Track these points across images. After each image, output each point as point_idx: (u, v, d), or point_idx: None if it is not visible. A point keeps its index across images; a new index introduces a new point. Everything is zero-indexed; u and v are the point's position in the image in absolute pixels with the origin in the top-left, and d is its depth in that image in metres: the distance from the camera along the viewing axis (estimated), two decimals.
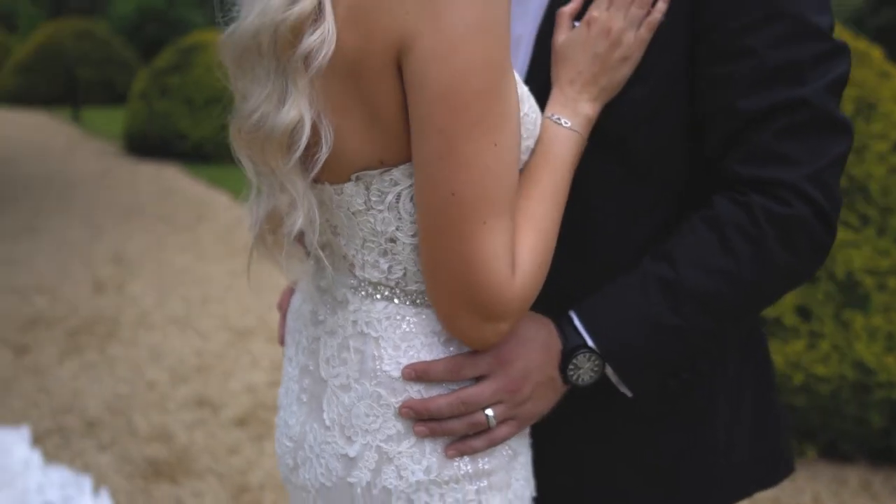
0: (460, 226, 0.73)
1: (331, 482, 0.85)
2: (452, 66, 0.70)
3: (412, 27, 0.70)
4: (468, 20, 0.70)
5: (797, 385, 2.79)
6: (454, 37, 0.70)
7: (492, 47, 0.71)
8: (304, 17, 0.72)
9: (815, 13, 0.84)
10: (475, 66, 0.70)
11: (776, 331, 2.87)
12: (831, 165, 0.83)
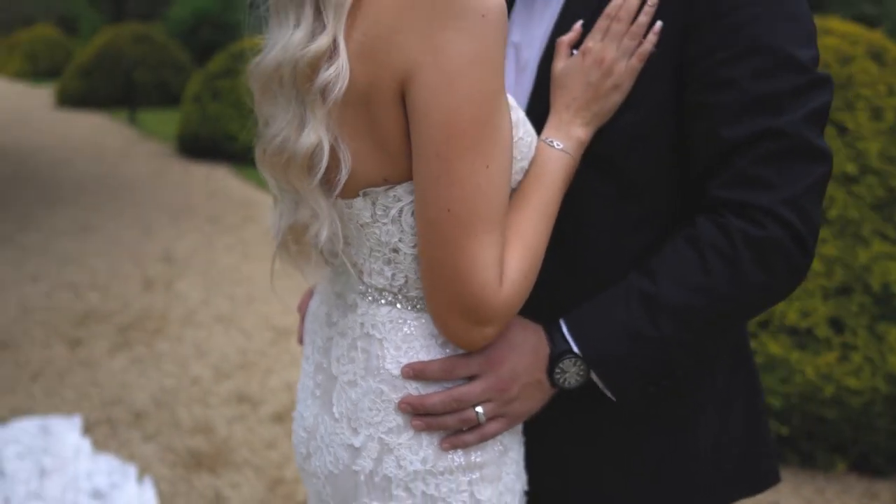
0: (454, 239, 0.80)
1: (338, 470, 0.93)
2: (450, 96, 0.77)
3: (414, 61, 0.78)
4: (465, 55, 0.77)
5: (828, 397, 2.78)
6: (452, 71, 0.77)
7: (486, 80, 0.78)
8: (321, 53, 0.81)
9: (796, 47, 0.88)
10: (470, 98, 0.78)
11: (808, 342, 2.87)
12: (808, 191, 0.87)
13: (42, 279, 5.10)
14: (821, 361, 2.82)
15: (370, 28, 0.80)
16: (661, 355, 0.91)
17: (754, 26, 0.88)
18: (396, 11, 0.79)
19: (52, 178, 9.02)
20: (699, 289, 0.88)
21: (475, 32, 0.77)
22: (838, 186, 3.07)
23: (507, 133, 0.83)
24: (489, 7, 0.78)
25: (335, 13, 0.81)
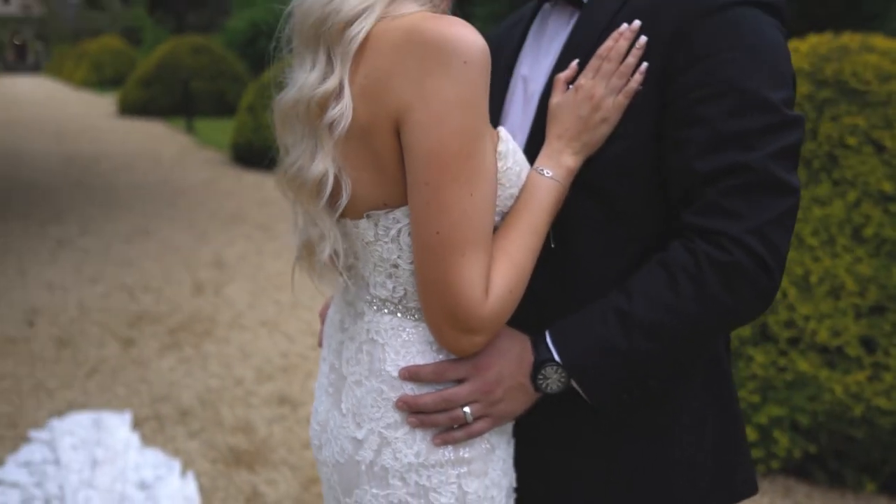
0: (443, 258, 0.91)
1: (343, 459, 1.04)
2: (436, 134, 0.88)
3: (406, 102, 0.89)
4: (450, 98, 0.87)
5: (857, 417, 2.78)
6: (438, 111, 0.88)
7: (469, 119, 0.88)
8: (329, 93, 0.93)
9: (769, 89, 0.95)
10: (454, 134, 0.88)
11: (838, 361, 2.87)
12: (774, 222, 0.94)
13: (100, 281, 5.36)
14: (850, 380, 2.82)
15: (370, 72, 0.92)
16: (633, 367, 0.99)
17: (729, 70, 0.96)
18: (392, 59, 0.90)
19: (113, 184, 9.40)
20: (669, 308, 0.96)
21: (458, 77, 0.87)
22: (874, 205, 3.08)
23: (489, 164, 0.92)
24: (471, 54, 0.88)
25: (342, 59, 0.93)
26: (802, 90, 3.30)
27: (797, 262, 3.06)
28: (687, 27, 0.98)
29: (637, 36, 1.01)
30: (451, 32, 0.88)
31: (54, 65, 44.33)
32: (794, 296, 3.00)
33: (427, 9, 0.95)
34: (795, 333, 2.95)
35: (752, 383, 2.91)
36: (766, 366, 2.92)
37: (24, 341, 4.21)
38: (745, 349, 2.98)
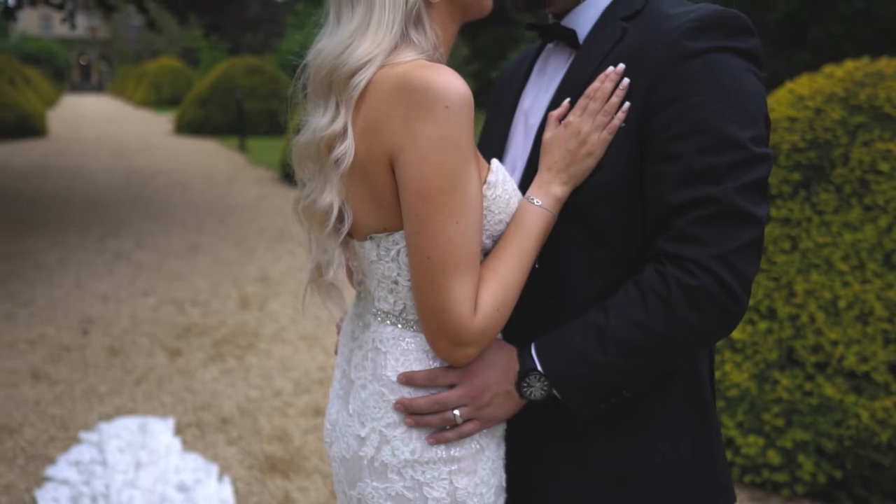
0: (434, 279, 1.02)
1: (349, 455, 1.15)
2: (422, 170, 1.00)
3: (397, 143, 1.01)
4: (433, 139, 0.99)
5: (884, 443, 2.78)
6: (424, 151, 0.99)
7: (451, 157, 0.99)
8: (335, 135, 1.05)
9: (737, 129, 1.04)
10: (438, 171, 0.99)
11: (865, 386, 2.87)
12: (738, 250, 1.02)
13: (151, 294, 5.59)
14: (877, 406, 2.82)
15: (369, 115, 1.04)
16: (608, 378, 1.08)
17: (700, 111, 1.04)
18: (385, 104, 1.02)
19: (169, 200, 9.75)
20: (640, 326, 1.04)
21: (441, 120, 0.98)
22: None
23: (474, 195, 1.03)
24: (452, 100, 0.99)
25: (346, 104, 1.05)
26: (835, 115, 3.32)
27: (826, 286, 3.07)
28: (664, 71, 1.07)
29: (621, 78, 1.11)
30: (436, 80, 0.99)
31: (117, 84, 45.97)
32: (822, 320, 3.01)
33: (423, 57, 1.07)
34: (823, 358, 2.97)
35: (776, 407, 2.93)
36: (791, 390, 2.94)
37: (78, 349, 4.44)
38: (770, 373, 3.00)
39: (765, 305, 3.13)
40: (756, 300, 3.16)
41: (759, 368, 3.04)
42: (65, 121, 23.01)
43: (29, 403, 3.68)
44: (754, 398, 2.98)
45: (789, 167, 3.31)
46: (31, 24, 52.39)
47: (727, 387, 3.06)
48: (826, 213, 3.21)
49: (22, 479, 2.98)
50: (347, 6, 1.07)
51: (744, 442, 2.96)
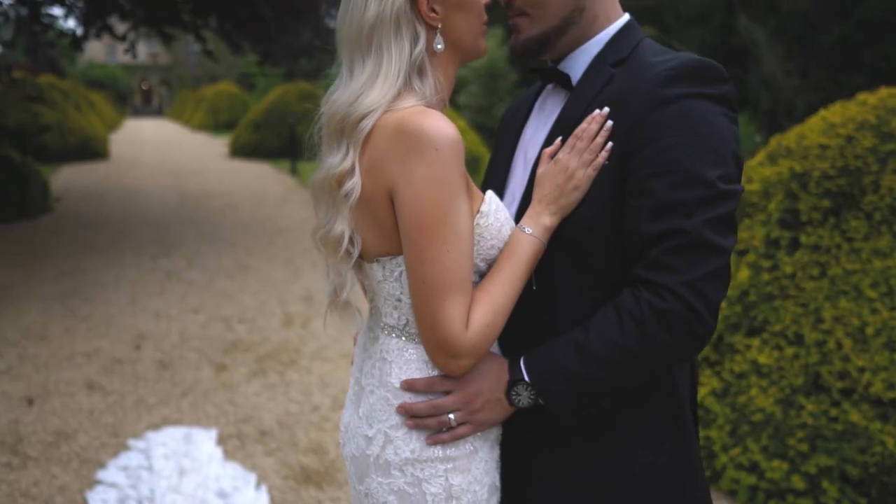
0: (429, 300, 1.14)
1: (358, 453, 1.27)
2: (415, 205, 1.13)
3: (395, 180, 1.15)
4: (423, 177, 1.12)
5: None
6: (417, 187, 1.12)
7: (440, 193, 1.12)
8: (344, 172, 1.20)
9: (706, 168, 1.14)
10: (429, 205, 1.12)
11: (891, 413, 2.88)
12: (705, 277, 1.12)
13: (201, 311, 5.82)
14: None
15: (372, 155, 1.18)
16: (587, 389, 1.18)
17: (672, 152, 1.15)
18: (385, 146, 1.16)
19: (221, 221, 10.08)
20: (616, 343, 1.15)
21: (431, 161, 1.12)
22: None
23: (464, 225, 1.15)
24: (441, 143, 1.12)
25: (353, 146, 1.20)
26: (866, 143, 3.36)
27: (854, 313, 3.09)
28: (643, 116, 1.19)
29: (606, 120, 1.23)
30: (428, 125, 1.13)
31: (176, 109, 47.44)
32: (850, 347, 3.03)
33: (422, 102, 1.20)
34: (849, 384, 2.98)
35: (801, 432, 2.95)
36: (816, 415, 2.96)
37: (130, 362, 4.66)
38: (796, 398, 3.03)
39: (792, 331, 3.16)
40: (783, 325, 3.19)
41: (784, 393, 3.07)
42: (125, 144, 23.88)
43: (83, 412, 3.89)
44: (779, 423, 3.01)
45: (819, 194, 3.35)
46: (97, 52, 54.53)
47: (752, 411, 3.09)
48: (856, 240, 3.24)
49: (75, 482, 3.17)
50: (359, 61, 1.22)
51: (768, 466, 2.98)
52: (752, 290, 3.37)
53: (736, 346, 3.30)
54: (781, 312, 3.23)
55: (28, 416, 3.84)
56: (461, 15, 1.24)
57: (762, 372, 3.16)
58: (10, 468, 3.29)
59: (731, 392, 3.21)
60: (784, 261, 3.35)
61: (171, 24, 10.36)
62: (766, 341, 3.23)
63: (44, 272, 6.93)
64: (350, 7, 1.23)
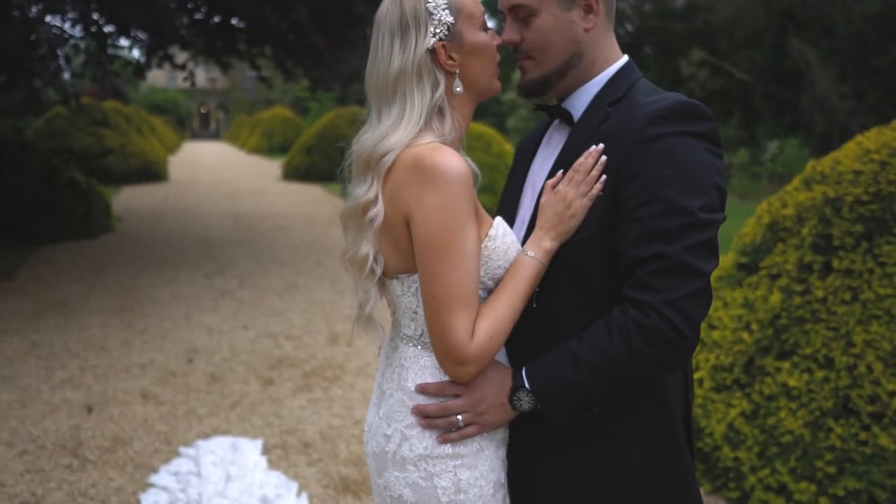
0: (439, 313, 1.29)
1: (378, 450, 1.41)
2: (426, 230, 1.28)
3: (411, 207, 1.30)
4: (433, 206, 1.27)
5: None
6: (429, 214, 1.27)
7: (449, 220, 1.27)
8: (369, 201, 1.36)
9: (689, 199, 1.26)
10: (438, 230, 1.27)
11: None
12: (685, 297, 1.24)
13: (251, 328, 6.05)
14: None
15: (393, 186, 1.33)
16: (580, 394, 1.30)
17: (657, 184, 1.27)
18: (404, 177, 1.31)
19: (272, 242, 10.39)
20: (605, 353, 1.27)
21: (441, 192, 1.26)
22: None
23: (470, 248, 1.29)
24: (450, 176, 1.27)
25: (377, 178, 1.36)
26: None
27: (886, 338, 3.11)
28: (632, 152, 1.31)
29: (600, 155, 1.36)
30: (439, 160, 1.28)
31: (232, 132, 48.75)
32: (880, 371, 3.05)
33: (438, 139, 1.35)
34: (879, 408, 3.00)
35: (829, 454, 2.98)
36: (845, 438, 2.99)
37: (182, 375, 4.89)
38: (825, 421, 3.06)
39: (822, 354, 3.20)
40: (814, 349, 3.23)
41: (813, 416, 3.10)
42: (184, 166, 24.69)
43: (138, 420, 4.12)
44: (808, 445, 3.05)
45: (852, 219, 3.38)
46: (158, 77, 56.38)
47: (781, 433, 3.13)
48: (888, 264, 3.26)
49: (130, 484, 3.37)
50: (386, 107, 1.38)
51: (796, 488, 3.02)
52: (784, 313, 3.41)
53: (766, 368, 3.34)
54: (812, 336, 3.26)
55: (87, 422, 4.08)
56: (476, 59, 1.39)
57: (792, 394, 3.20)
58: (71, 470, 3.52)
59: (760, 414, 3.25)
60: (816, 285, 3.39)
61: (227, 53, 10.81)
62: (796, 364, 3.27)
63: (104, 288, 7.27)
64: (377, 59, 1.39)
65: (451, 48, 1.37)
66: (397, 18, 1.36)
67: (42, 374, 4.84)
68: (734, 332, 3.62)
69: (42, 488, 3.34)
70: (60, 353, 5.27)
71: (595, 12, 1.42)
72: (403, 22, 1.35)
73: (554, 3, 1.39)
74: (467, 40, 1.38)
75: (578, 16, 1.41)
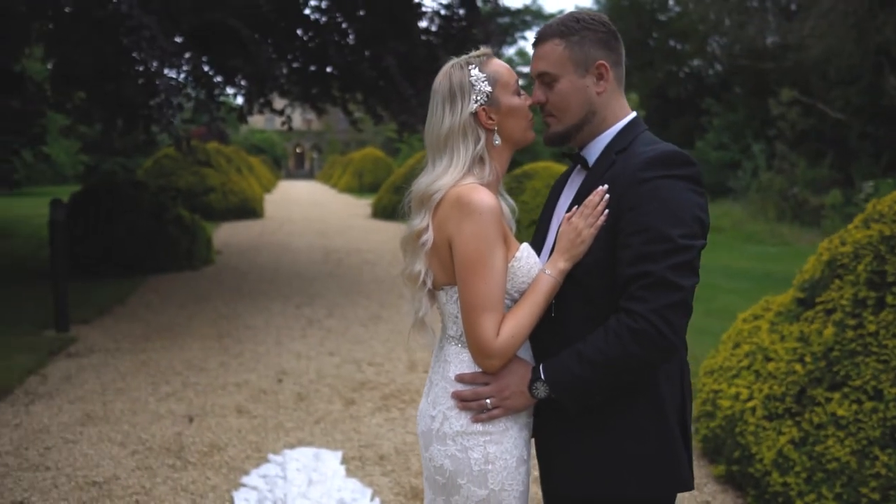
0: (472, 317, 1.62)
1: (425, 429, 1.74)
2: (463, 251, 1.61)
3: (452, 233, 1.64)
4: (469, 232, 1.61)
5: None
6: (465, 239, 1.61)
7: (481, 244, 1.60)
8: (422, 229, 1.71)
9: (670, 228, 1.55)
10: (472, 252, 1.60)
11: None
12: (668, 306, 1.52)
13: (336, 354, 6.47)
14: None
15: (440, 217, 1.68)
16: (583, 386, 1.59)
17: (646, 217, 1.57)
18: (449, 210, 1.65)
19: (359, 276, 10.90)
20: (602, 352, 1.57)
21: (475, 221, 1.60)
22: None
23: (498, 267, 1.62)
24: (482, 210, 1.60)
25: (428, 211, 1.71)
26: None
27: None
28: (627, 192, 1.62)
29: (605, 194, 1.66)
30: (474, 197, 1.62)
31: (325, 171, 50.55)
32: None
33: (476, 181, 1.69)
34: None
35: (874, 482, 3.09)
36: (891, 466, 3.09)
37: (273, 393, 5.34)
38: (871, 449, 3.17)
39: (871, 386, 3.32)
40: (863, 381, 3.35)
41: (860, 445, 3.22)
42: (279, 203, 25.89)
43: (233, 430, 4.56)
44: (853, 472, 3.16)
45: None
46: (257, 119, 59.23)
47: (828, 460, 3.26)
48: None
49: (224, 483, 3.79)
50: (438, 157, 1.74)
51: None
52: (837, 346, 3.55)
53: (817, 398, 3.48)
54: (863, 368, 3.39)
55: (189, 430, 4.55)
56: (511, 118, 1.74)
57: (840, 423, 3.32)
58: (174, 469, 3.97)
59: (809, 441, 3.38)
60: (869, 319, 3.52)
61: (322, 99, 11.56)
62: (846, 395, 3.39)
63: (205, 315, 7.89)
64: (432, 120, 1.75)
65: (490, 111, 1.72)
66: (447, 89, 1.72)
67: (150, 388, 5.38)
68: (788, 364, 3.76)
69: (150, 482, 3.80)
70: (165, 371, 5.82)
71: (606, 79, 1.74)
72: (452, 91, 1.71)
73: (572, 71, 1.72)
74: (503, 104, 1.73)
75: (592, 82, 1.73)
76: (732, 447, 3.83)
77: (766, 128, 22.52)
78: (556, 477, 1.73)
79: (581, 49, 1.72)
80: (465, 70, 1.73)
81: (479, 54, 1.77)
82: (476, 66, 1.74)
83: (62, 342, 6.57)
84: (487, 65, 1.75)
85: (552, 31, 1.76)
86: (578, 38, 1.72)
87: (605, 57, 1.74)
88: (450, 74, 1.74)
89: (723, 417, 4.00)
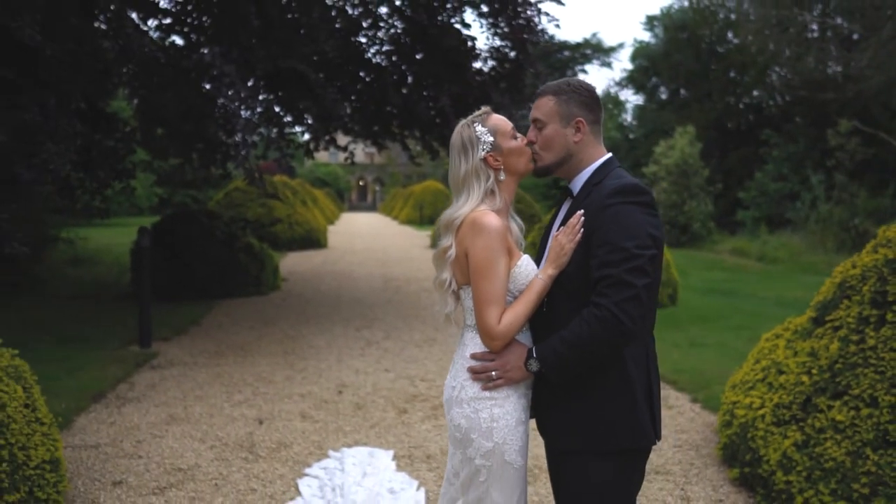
0: (480, 308, 2.12)
1: (447, 397, 2.25)
2: (475, 260, 2.12)
3: (468, 247, 2.15)
4: (480, 246, 2.12)
5: None
6: (477, 250, 2.12)
7: (489, 254, 2.10)
8: (447, 246, 2.24)
9: (626, 241, 2.01)
10: (482, 260, 2.11)
11: None
12: (627, 299, 1.98)
13: (392, 371, 7.00)
14: None
15: (459, 236, 2.19)
16: (563, 361, 2.06)
17: (607, 234, 2.04)
18: (466, 230, 2.16)
19: (416, 302, 11.44)
20: (577, 335, 2.03)
21: (484, 237, 2.10)
22: None
23: (501, 271, 2.12)
24: (490, 229, 2.11)
25: (452, 232, 2.22)
26: None
27: None
28: (595, 215, 2.10)
29: (581, 217, 2.14)
30: (484, 220, 2.13)
31: (387, 203, 51.61)
32: None
33: (488, 207, 2.20)
34: None
35: (865, 478, 3.43)
36: (881, 465, 3.42)
37: (333, 403, 5.88)
38: (864, 450, 3.51)
39: (868, 394, 3.66)
40: (861, 389, 3.69)
41: (855, 446, 3.56)
42: (341, 234, 26.79)
43: (298, 432, 5.12)
44: (847, 470, 3.51)
45: None
46: (321, 153, 61.12)
47: (826, 460, 3.60)
48: None
49: (290, 473, 4.34)
50: (458, 194, 2.26)
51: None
52: (841, 359, 3.90)
53: (820, 406, 3.83)
54: (861, 378, 3.73)
55: (259, 431, 5.13)
56: (513, 157, 2.25)
57: (838, 427, 3.67)
58: (247, 461, 4.54)
59: (810, 444, 3.74)
60: (870, 335, 3.86)
61: (382, 136, 12.28)
62: (846, 402, 3.74)
63: (272, 335, 8.54)
64: (452, 168, 2.28)
65: (495, 155, 2.24)
66: (460, 144, 2.25)
67: (224, 396, 6.00)
68: (797, 376, 4.12)
69: (226, 470, 4.38)
70: (238, 382, 6.44)
71: (582, 132, 2.25)
72: (464, 145, 2.25)
73: (557, 121, 2.23)
74: (504, 147, 2.24)
75: (571, 132, 2.24)
76: (745, 451, 4.19)
77: (826, 158, 22.35)
78: (550, 434, 2.20)
79: (567, 106, 2.23)
80: (471, 127, 2.26)
81: (481, 113, 2.30)
82: (479, 122, 2.26)
83: (146, 356, 7.29)
84: (488, 120, 2.28)
85: (549, 89, 2.28)
86: (566, 98, 2.23)
87: (584, 115, 2.24)
88: (461, 133, 2.27)
89: (738, 425, 4.36)
